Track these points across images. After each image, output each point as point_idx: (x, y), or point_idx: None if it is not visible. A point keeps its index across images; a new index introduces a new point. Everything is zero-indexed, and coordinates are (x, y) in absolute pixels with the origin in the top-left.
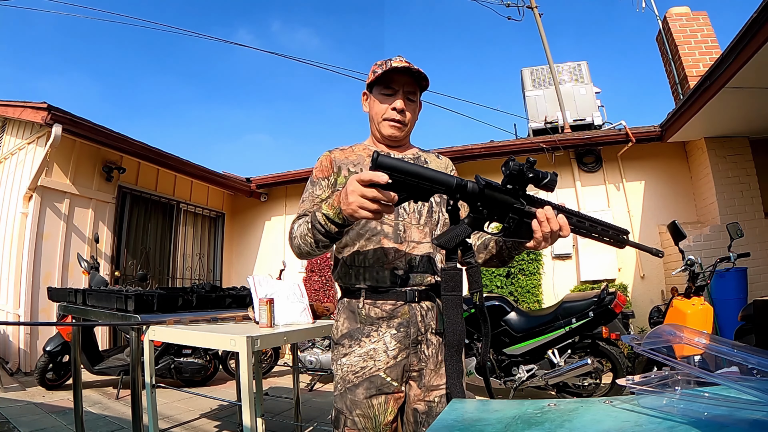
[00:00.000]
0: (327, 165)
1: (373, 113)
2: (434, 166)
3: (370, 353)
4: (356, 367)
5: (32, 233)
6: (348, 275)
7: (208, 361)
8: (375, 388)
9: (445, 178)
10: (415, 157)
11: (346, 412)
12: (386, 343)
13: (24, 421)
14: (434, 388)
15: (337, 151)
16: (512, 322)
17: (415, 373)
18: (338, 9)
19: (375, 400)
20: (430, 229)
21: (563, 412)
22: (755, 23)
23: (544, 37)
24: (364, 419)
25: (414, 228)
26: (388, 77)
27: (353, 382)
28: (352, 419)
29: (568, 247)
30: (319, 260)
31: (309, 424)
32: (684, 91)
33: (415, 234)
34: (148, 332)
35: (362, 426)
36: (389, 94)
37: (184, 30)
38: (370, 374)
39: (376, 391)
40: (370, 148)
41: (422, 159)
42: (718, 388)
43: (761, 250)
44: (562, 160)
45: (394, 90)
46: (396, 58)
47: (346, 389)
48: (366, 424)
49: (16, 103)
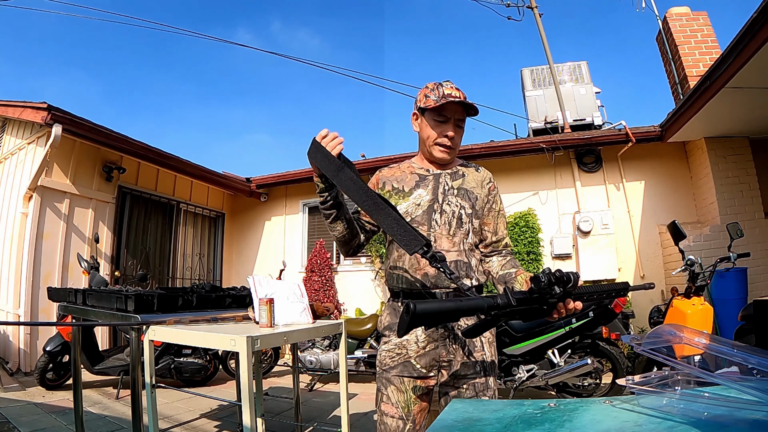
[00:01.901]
0: (374, 182)
1: (424, 136)
2: (471, 178)
3: (403, 343)
4: (392, 353)
5: (32, 233)
6: (391, 279)
7: (208, 361)
8: (406, 371)
9: (478, 304)
10: (454, 172)
11: (383, 388)
12: (417, 336)
13: (24, 421)
14: (462, 377)
15: (386, 169)
16: (512, 322)
17: (446, 363)
18: (338, 9)
19: (406, 380)
20: (460, 238)
21: (563, 412)
22: (755, 23)
23: (544, 37)
24: (397, 393)
25: (444, 238)
26: (442, 106)
27: (389, 365)
28: (387, 394)
29: (568, 247)
30: (319, 260)
31: (309, 424)
32: (684, 91)
33: (445, 243)
34: (148, 332)
35: (395, 400)
36: (441, 121)
37: (184, 30)
38: (402, 360)
39: (407, 373)
40: (414, 166)
41: (460, 173)
42: (718, 388)
43: (761, 250)
44: (562, 160)
45: (446, 117)
46: (447, 84)
47: (383, 370)
48: (399, 398)
49: (16, 103)
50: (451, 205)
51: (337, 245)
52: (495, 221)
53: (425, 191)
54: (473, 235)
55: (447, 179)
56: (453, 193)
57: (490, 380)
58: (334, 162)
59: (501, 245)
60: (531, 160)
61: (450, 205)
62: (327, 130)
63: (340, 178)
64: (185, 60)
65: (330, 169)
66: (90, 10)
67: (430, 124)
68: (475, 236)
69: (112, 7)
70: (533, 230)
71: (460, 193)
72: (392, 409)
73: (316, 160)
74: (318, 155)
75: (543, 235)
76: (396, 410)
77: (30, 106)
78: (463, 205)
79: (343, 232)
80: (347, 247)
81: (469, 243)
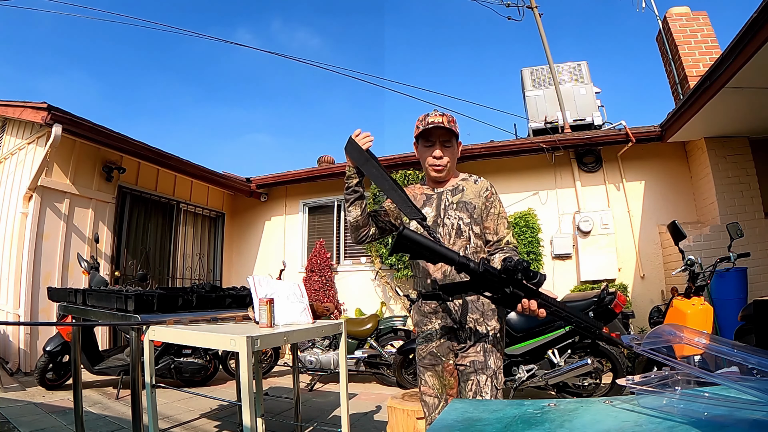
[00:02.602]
0: None
1: (421, 160)
2: (470, 191)
3: (428, 336)
4: (422, 345)
5: (32, 233)
6: (415, 284)
7: (208, 361)
8: (433, 359)
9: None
10: (454, 187)
11: (421, 375)
12: (436, 329)
13: (24, 421)
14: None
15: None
16: (512, 322)
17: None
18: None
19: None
20: (459, 246)
21: (563, 412)
22: (755, 23)
23: (544, 37)
24: (433, 378)
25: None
26: (428, 131)
27: (421, 356)
28: (425, 380)
29: (568, 247)
30: (319, 260)
31: (309, 424)
32: (684, 91)
33: None
34: (148, 332)
35: (431, 383)
36: (429, 145)
37: (184, 30)
38: (429, 350)
39: (435, 361)
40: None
41: (460, 188)
42: (718, 388)
43: (761, 250)
44: (562, 160)
45: (432, 141)
46: (433, 113)
47: (419, 359)
48: (434, 382)
49: (16, 103)
50: (450, 219)
51: (349, 229)
52: (495, 223)
53: (431, 209)
54: (476, 239)
55: (448, 196)
56: (452, 207)
57: (490, 361)
58: (363, 155)
59: (503, 243)
60: (531, 160)
61: (449, 218)
62: (360, 130)
63: (367, 167)
64: (185, 60)
65: (360, 160)
66: (90, 11)
67: (421, 150)
68: (479, 240)
69: (113, 7)
70: (533, 230)
71: (459, 206)
72: (429, 389)
73: (350, 153)
74: (351, 149)
75: (543, 235)
76: (432, 391)
77: (30, 106)
78: (461, 217)
79: (357, 216)
80: (357, 232)
81: (472, 248)
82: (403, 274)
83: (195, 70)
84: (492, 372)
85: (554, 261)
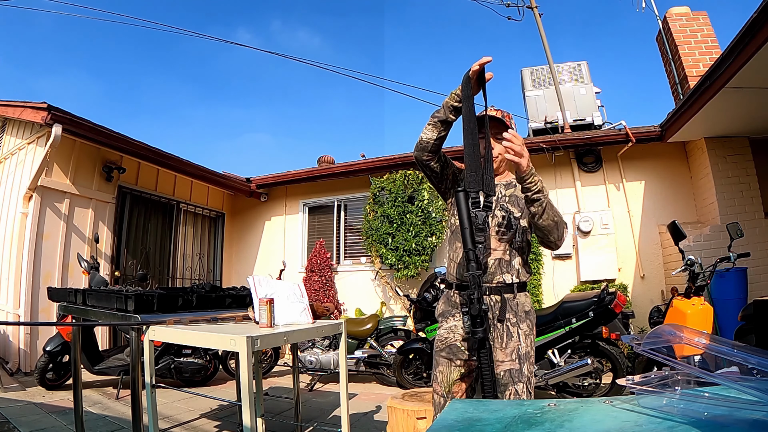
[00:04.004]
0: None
1: None
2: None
3: (452, 328)
4: (442, 336)
5: (32, 233)
6: (449, 271)
7: (208, 361)
8: (452, 353)
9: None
10: (508, 182)
11: (435, 368)
12: (464, 322)
13: (24, 421)
14: (500, 363)
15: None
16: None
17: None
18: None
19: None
20: (507, 239)
21: (563, 412)
22: (755, 23)
23: (544, 37)
24: (441, 375)
25: (493, 238)
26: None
27: (439, 347)
28: (436, 374)
29: (568, 247)
30: (319, 260)
31: (309, 424)
32: (684, 91)
33: (494, 243)
34: (148, 332)
35: (440, 380)
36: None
37: (184, 30)
38: (450, 343)
39: (452, 356)
40: None
41: (513, 183)
42: (718, 388)
43: (761, 250)
44: (562, 160)
45: (482, 133)
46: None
47: (435, 351)
48: (442, 379)
49: (16, 103)
50: (502, 211)
51: (415, 148)
52: None
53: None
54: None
55: (502, 189)
56: (505, 200)
57: (524, 368)
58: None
59: None
60: (531, 160)
61: (501, 210)
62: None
63: (466, 105)
64: (186, 60)
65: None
66: (90, 11)
67: None
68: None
69: (113, 7)
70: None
71: (511, 200)
72: (438, 387)
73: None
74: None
75: None
76: (440, 389)
77: (30, 106)
78: (512, 211)
79: (432, 139)
80: (422, 153)
81: (517, 243)
82: (403, 274)
83: (195, 69)
84: (526, 379)
85: (554, 261)
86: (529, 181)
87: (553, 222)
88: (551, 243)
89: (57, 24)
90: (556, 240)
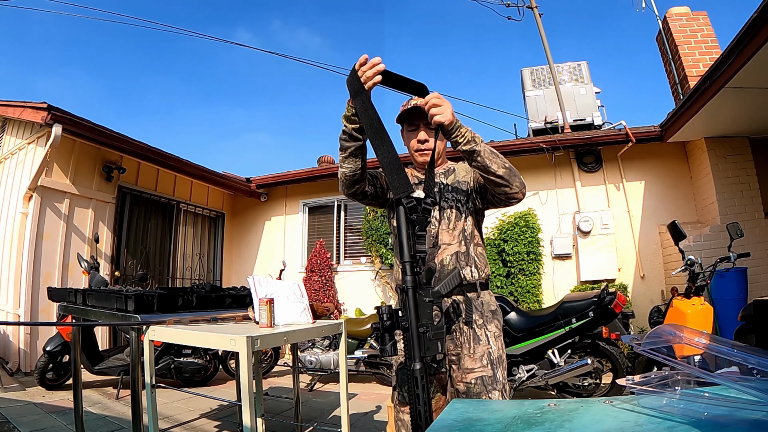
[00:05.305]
0: None
1: (406, 146)
2: (461, 170)
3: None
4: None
5: (32, 233)
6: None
7: (208, 361)
8: None
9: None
10: (447, 169)
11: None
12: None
13: (24, 421)
14: (470, 371)
15: None
16: (512, 322)
17: (454, 357)
18: (338, 7)
19: None
20: (459, 230)
21: (563, 412)
22: (755, 23)
23: (544, 37)
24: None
25: (445, 232)
26: (410, 114)
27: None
28: (402, 394)
29: (568, 247)
30: (319, 260)
31: (309, 424)
32: (684, 91)
33: (446, 237)
34: (148, 332)
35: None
36: (412, 129)
37: (184, 30)
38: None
39: None
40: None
41: (452, 169)
42: (718, 388)
43: (761, 250)
44: (562, 160)
45: (416, 125)
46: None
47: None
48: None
49: (16, 103)
50: (448, 201)
51: (342, 183)
52: None
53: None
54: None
55: (442, 179)
56: (448, 189)
57: (498, 374)
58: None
59: None
60: (531, 160)
61: (447, 201)
62: (366, 56)
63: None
64: (186, 60)
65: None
66: (90, 10)
67: (406, 135)
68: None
69: (113, 7)
70: (533, 230)
71: (454, 187)
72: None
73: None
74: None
75: (543, 235)
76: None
77: (30, 106)
78: (459, 199)
79: (356, 170)
80: (352, 188)
81: (469, 232)
82: None
83: (195, 70)
84: (501, 385)
85: (554, 261)
86: (455, 134)
87: (506, 168)
88: (515, 194)
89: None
90: (521, 188)
